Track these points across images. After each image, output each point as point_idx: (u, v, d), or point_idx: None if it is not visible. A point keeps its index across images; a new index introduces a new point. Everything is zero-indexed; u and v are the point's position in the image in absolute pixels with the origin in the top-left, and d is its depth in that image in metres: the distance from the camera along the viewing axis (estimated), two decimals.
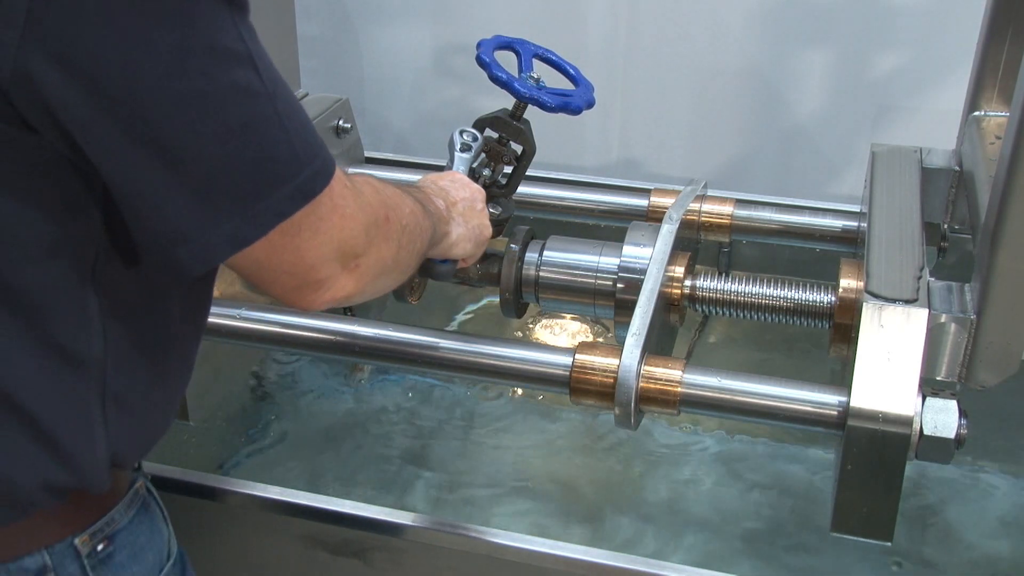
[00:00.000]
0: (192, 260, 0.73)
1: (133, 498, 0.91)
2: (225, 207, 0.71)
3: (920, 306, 1.09)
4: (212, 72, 0.68)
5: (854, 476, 1.06)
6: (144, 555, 0.91)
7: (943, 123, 1.65)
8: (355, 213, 0.80)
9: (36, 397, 0.77)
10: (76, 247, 0.76)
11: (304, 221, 0.75)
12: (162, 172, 0.69)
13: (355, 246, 0.80)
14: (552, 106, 1.26)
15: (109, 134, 0.68)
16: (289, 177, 0.73)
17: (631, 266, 1.30)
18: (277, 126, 0.72)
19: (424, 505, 1.72)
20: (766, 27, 2.09)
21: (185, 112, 0.68)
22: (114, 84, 0.66)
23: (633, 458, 1.80)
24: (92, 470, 0.82)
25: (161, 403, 0.89)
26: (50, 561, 0.82)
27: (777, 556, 1.62)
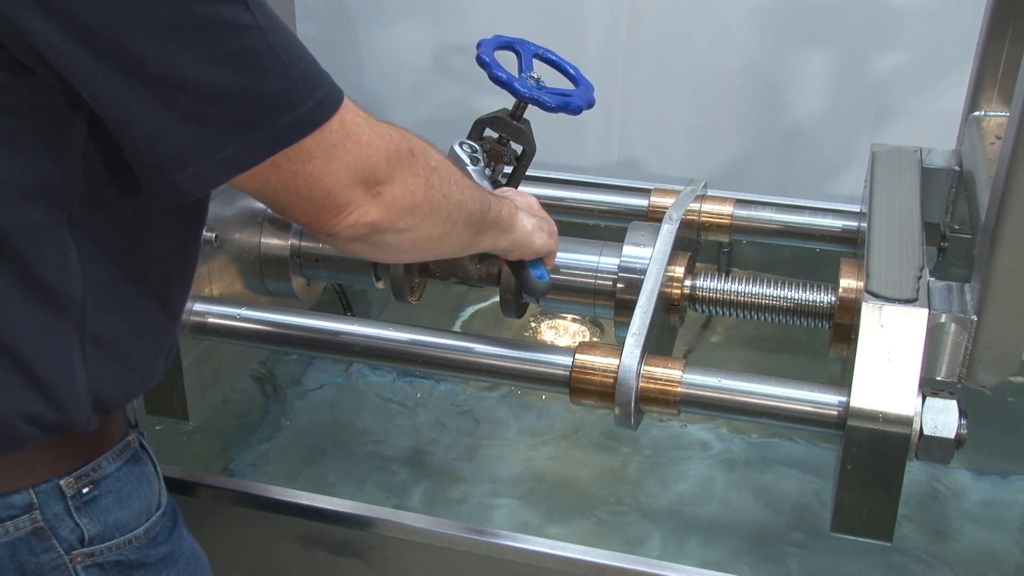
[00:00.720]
0: (190, 184, 0.75)
1: (123, 449, 0.94)
2: (221, 134, 0.74)
3: (920, 306, 1.09)
4: (189, 5, 0.70)
5: (854, 476, 1.06)
6: (131, 502, 0.94)
7: (943, 123, 1.65)
8: (372, 139, 0.81)
9: (17, 333, 0.80)
10: (53, 191, 0.78)
11: (315, 148, 0.77)
12: (151, 102, 0.72)
13: (375, 171, 0.82)
14: (552, 106, 1.26)
15: (93, 68, 0.71)
16: (288, 107, 0.75)
17: (631, 266, 1.30)
18: (271, 58, 0.74)
19: (424, 503, 1.72)
20: (766, 27, 2.09)
21: (164, 43, 0.70)
22: (91, 17, 0.69)
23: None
24: (74, 407, 0.84)
25: (144, 349, 0.91)
26: (36, 499, 0.86)
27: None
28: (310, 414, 1.93)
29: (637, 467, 1.79)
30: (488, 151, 1.30)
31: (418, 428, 1.89)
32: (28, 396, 0.81)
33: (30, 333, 0.80)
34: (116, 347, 0.87)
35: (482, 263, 1.33)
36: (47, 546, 0.87)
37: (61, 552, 0.88)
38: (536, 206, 1.17)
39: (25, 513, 0.86)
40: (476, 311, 2.13)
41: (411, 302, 1.33)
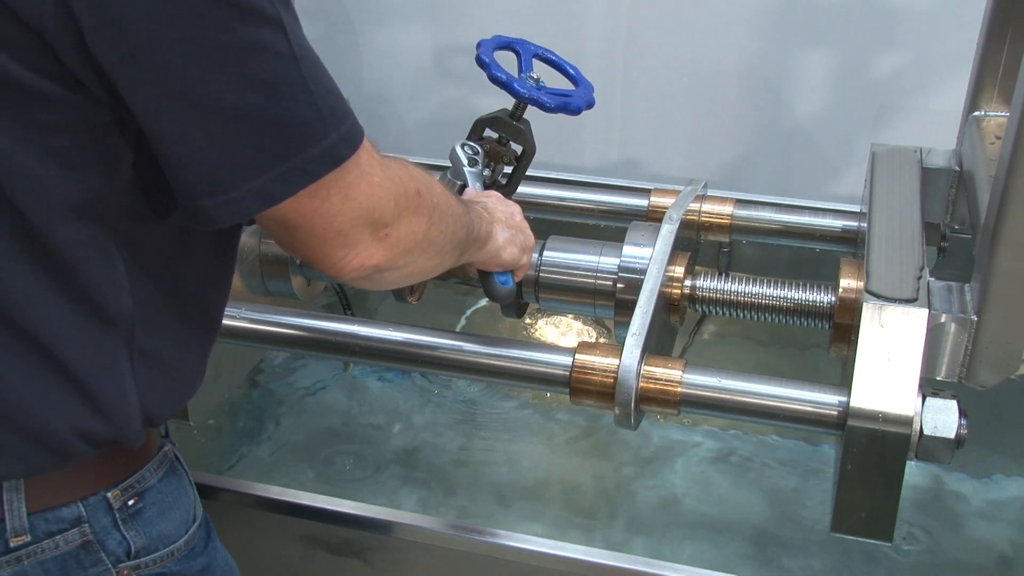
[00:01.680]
0: (219, 211, 0.75)
1: (162, 460, 0.95)
2: (253, 163, 0.74)
3: (920, 306, 1.09)
4: (234, 26, 0.71)
5: (854, 476, 1.06)
6: (172, 513, 0.95)
7: (943, 123, 1.65)
8: (383, 182, 0.82)
9: (71, 349, 0.80)
10: (101, 207, 0.78)
11: (333, 186, 0.78)
12: (188, 121, 0.72)
13: (384, 214, 0.82)
14: (551, 106, 1.26)
15: (137, 81, 0.71)
16: (316, 139, 0.76)
17: (631, 266, 1.30)
18: (303, 88, 0.75)
19: (424, 504, 1.72)
20: (766, 27, 2.09)
21: (204, 62, 0.70)
22: (140, 28, 0.69)
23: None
24: (126, 422, 0.85)
25: (188, 362, 0.92)
26: (84, 512, 0.87)
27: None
28: (310, 414, 1.93)
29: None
30: (488, 151, 1.30)
31: (418, 428, 1.89)
32: (81, 412, 0.82)
33: (82, 348, 0.81)
34: (163, 360, 0.87)
35: None
36: (95, 559, 0.88)
37: (109, 565, 0.89)
38: (518, 216, 1.18)
39: (75, 527, 0.86)
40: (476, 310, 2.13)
41: (411, 302, 1.33)
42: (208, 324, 0.94)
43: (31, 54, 0.70)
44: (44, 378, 0.80)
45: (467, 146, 1.27)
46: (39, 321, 0.78)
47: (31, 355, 0.79)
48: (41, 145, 0.74)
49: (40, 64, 0.71)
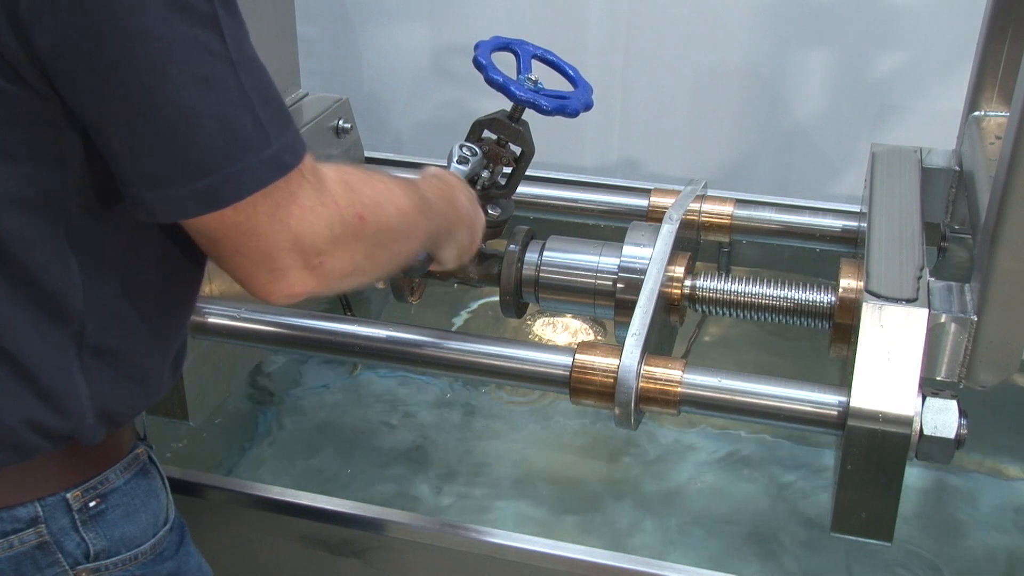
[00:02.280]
0: (163, 209, 0.74)
1: (131, 462, 0.93)
2: (197, 162, 0.72)
3: (920, 306, 1.09)
4: (171, 19, 0.70)
5: (854, 476, 1.06)
6: (138, 516, 0.93)
7: (943, 123, 1.64)
8: (315, 207, 0.78)
9: (19, 341, 0.79)
10: (51, 202, 0.77)
11: (260, 204, 0.75)
12: (128, 111, 0.71)
13: (315, 242, 0.78)
14: (549, 109, 1.26)
15: (74, 68, 0.70)
16: (260, 145, 0.73)
17: (631, 266, 1.30)
18: (238, 91, 0.73)
19: (424, 503, 1.72)
20: (766, 27, 2.09)
21: (142, 52, 0.69)
22: (80, 18, 0.68)
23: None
24: (78, 416, 0.84)
25: (146, 362, 0.90)
26: (42, 513, 0.85)
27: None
28: (310, 414, 1.93)
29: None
30: (487, 153, 1.30)
31: (418, 428, 1.88)
32: (32, 403, 0.81)
33: (32, 341, 0.80)
34: (117, 357, 0.86)
35: (482, 263, 1.33)
36: (52, 560, 0.86)
37: (66, 567, 0.87)
38: (480, 224, 1.16)
39: (30, 527, 0.85)
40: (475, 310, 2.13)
41: (411, 302, 1.33)
42: (169, 325, 0.92)
43: None
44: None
45: (465, 147, 1.27)
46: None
47: None
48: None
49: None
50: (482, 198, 1.31)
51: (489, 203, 1.31)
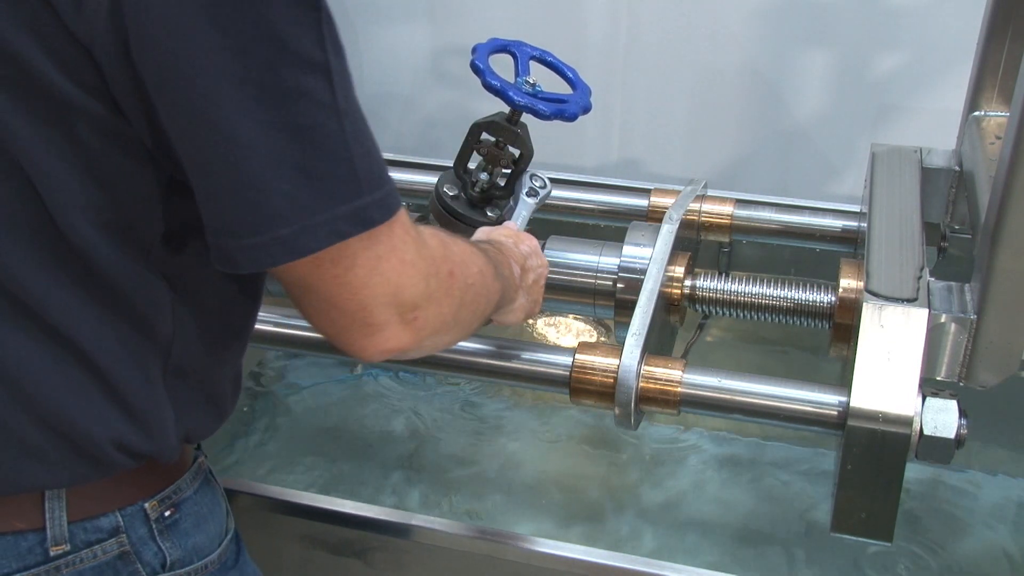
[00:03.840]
0: (241, 255, 0.73)
1: (197, 472, 0.94)
2: (279, 210, 0.71)
3: (920, 306, 1.09)
4: (277, 67, 0.68)
5: (854, 476, 1.06)
6: (206, 525, 0.94)
7: (943, 123, 1.64)
8: (415, 260, 0.78)
9: (112, 362, 0.80)
10: (136, 230, 0.78)
11: (361, 255, 0.74)
12: (220, 156, 0.70)
13: (414, 295, 0.78)
14: (547, 114, 1.26)
15: (175, 106, 0.69)
16: (348, 198, 0.72)
17: (631, 266, 1.30)
18: (340, 142, 0.71)
19: (424, 504, 1.72)
20: (766, 27, 2.09)
21: (243, 99, 0.68)
22: (180, 54, 0.67)
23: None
24: (163, 437, 0.85)
25: (220, 381, 0.91)
26: (122, 522, 0.86)
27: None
28: (309, 414, 1.93)
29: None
30: (485, 155, 1.30)
31: (417, 428, 1.89)
32: (120, 423, 0.82)
33: (123, 362, 0.80)
34: (197, 380, 0.87)
35: None
36: (132, 570, 0.87)
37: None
38: (543, 281, 1.17)
39: (112, 536, 0.86)
40: None
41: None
42: (239, 346, 0.93)
43: (81, 71, 0.70)
44: (86, 389, 0.80)
45: (536, 177, 1.28)
46: (83, 334, 0.78)
47: (75, 366, 0.79)
48: (83, 163, 0.73)
49: (88, 81, 0.71)
50: (481, 200, 1.31)
51: (488, 205, 1.31)
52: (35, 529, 0.82)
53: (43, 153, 0.72)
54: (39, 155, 0.72)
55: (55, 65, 0.70)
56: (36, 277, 0.76)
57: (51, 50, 0.69)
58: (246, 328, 0.94)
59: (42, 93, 0.71)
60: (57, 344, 0.78)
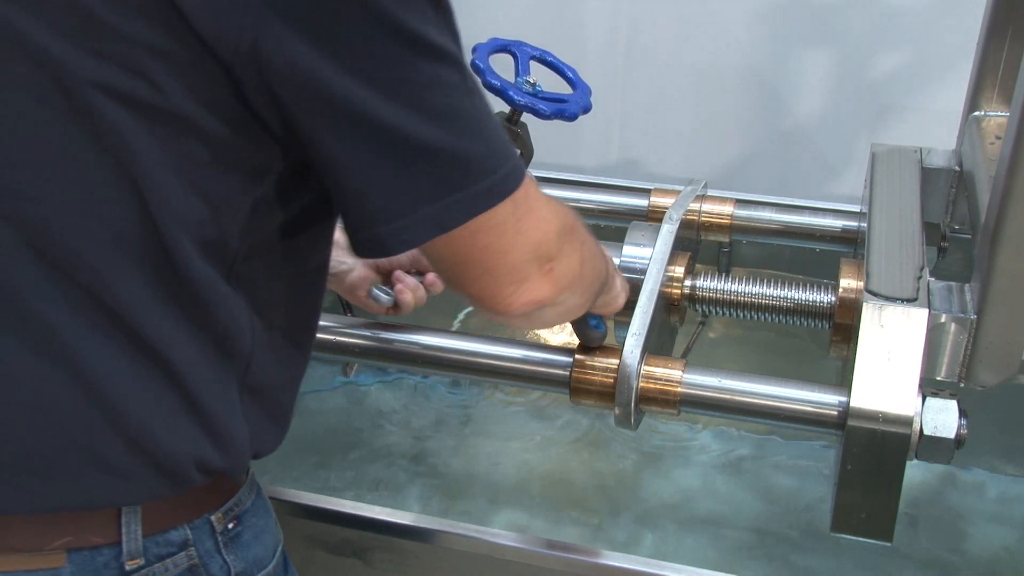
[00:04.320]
0: (392, 238, 0.76)
1: (251, 484, 0.95)
2: (427, 190, 0.74)
3: (920, 306, 1.09)
4: (416, 62, 0.72)
5: (854, 476, 1.06)
6: (264, 536, 0.95)
7: (943, 123, 1.64)
8: (549, 216, 0.83)
9: (198, 381, 0.80)
10: (224, 246, 0.79)
11: (506, 219, 0.78)
12: (370, 153, 0.73)
13: (549, 248, 0.83)
14: (547, 114, 1.26)
15: (318, 114, 0.72)
16: (486, 172, 0.76)
17: (631, 266, 1.30)
18: (476, 122, 0.76)
19: (424, 504, 1.72)
20: (766, 27, 2.09)
21: (389, 97, 0.72)
22: (321, 69, 0.70)
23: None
24: (239, 455, 0.85)
25: (285, 397, 0.92)
26: (191, 536, 0.87)
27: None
28: (308, 414, 1.93)
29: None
30: None
31: (418, 428, 1.89)
32: (202, 441, 0.82)
33: (207, 380, 0.81)
34: (267, 398, 0.88)
35: None
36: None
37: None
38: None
39: (182, 550, 0.86)
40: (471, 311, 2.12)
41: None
42: (303, 362, 0.95)
43: (208, 87, 0.71)
44: (172, 407, 0.80)
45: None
46: (173, 351, 0.78)
47: (163, 384, 0.79)
48: (193, 181, 0.74)
49: (211, 98, 0.72)
50: None
51: None
52: (111, 544, 0.82)
53: (157, 167, 0.73)
54: (153, 169, 0.73)
55: (183, 85, 0.71)
56: (137, 293, 0.76)
57: (181, 69, 0.70)
58: (309, 345, 0.95)
59: (164, 111, 0.71)
60: (149, 361, 0.78)
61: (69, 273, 0.74)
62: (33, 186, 0.72)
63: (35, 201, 0.73)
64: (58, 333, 0.75)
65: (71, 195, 0.73)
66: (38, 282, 0.74)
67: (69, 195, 0.73)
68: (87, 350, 0.76)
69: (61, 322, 0.75)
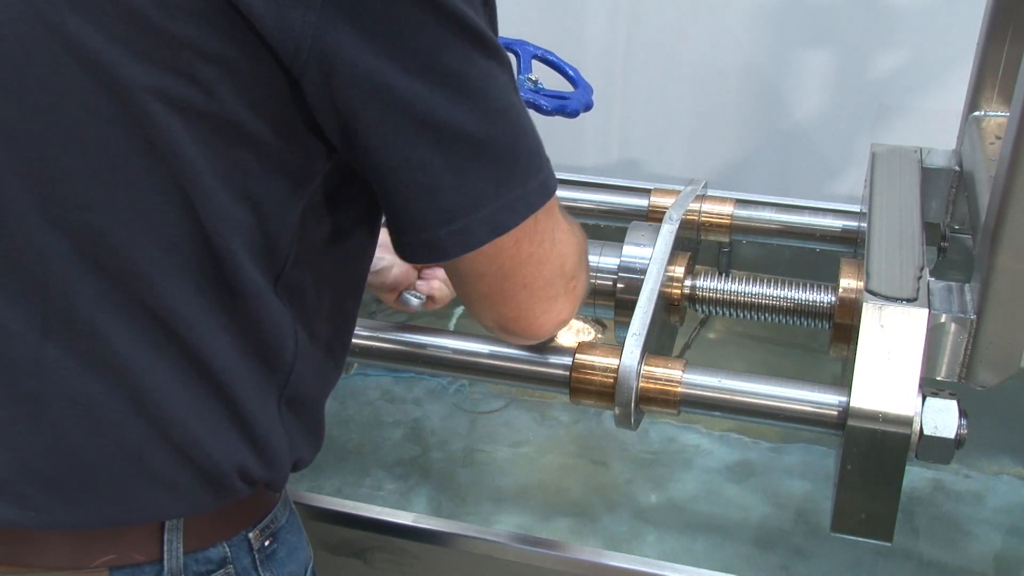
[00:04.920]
0: (451, 239, 0.75)
1: (285, 501, 0.94)
2: (486, 190, 0.74)
3: (920, 306, 1.09)
4: (473, 56, 0.71)
5: (854, 476, 1.06)
6: (297, 554, 0.94)
7: (943, 123, 1.64)
8: (571, 229, 0.82)
9: (241, 389, 0.79)
10: (274, 252, 0.78)
11: (546, 226, 0.78)
12: (428, 149, 0.72)
13: (573, 264, 0.82)
14: (548, 110, 1.26)
15: (374, 113, 0.71)
16: (535, 171, 0.76)
17: (631, 266, 1.30)
18: (526, 119, 0.76)
19: (424, 503, 1.72)
20: (766, 27, 2.09)
21: (447, 90, 0.71)
22: (378, 61, 0.69)
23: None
24: (279, 465, 0.85)
25: (319, 409, 0.91)
26: (229, 553, 0.86)
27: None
28: None
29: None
30: None
31: (415, 428, 1.88)
32: (244, 450, 0.81)
33: (250, 389, 0.80)
34: (305, 409, 0.87)
35: None
36: None
37: None
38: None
39: (221, 568, 0.85)
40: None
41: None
42: (337, 375, 0.94)
43: (261, 92, 0.71)
44: (217, 416, 0.79)
45: None
46: (219, 360, 0.78)
47: (208, 392, 0.78)
48: (242, 188, 0.74)
49: (264, 103, 0.71)
50: None
51: None
52: (152, 561, 0.81)
53: (206, 174, 0.72)
54: (202, 175, 0.72)
55: (236, 90, 0.70)
56: (186, 301, 0.75)
57: (236, 74, 0.70)
58: (344, 358, 0.94)
59: (215, 117, 0.71)
60: (195, 370, 0.77)
61: (120, 281, 0.74)
62: (85, 194, 0.72)
63: (87, 210, 0.72)
64: (107, 342, 0.75)
65: (122, 203, 0.72)
66: (88, 290, 0.74)
67: (120, 203, 0.72)
68: (134, 359, 0.76)
69: (110, 331, 0.75)
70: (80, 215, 0.72)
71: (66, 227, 0.73)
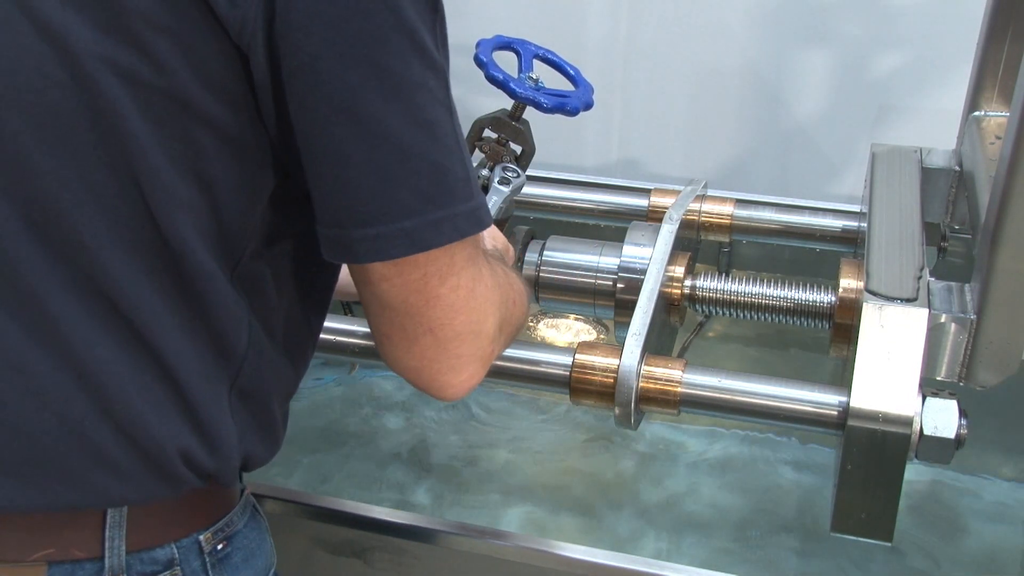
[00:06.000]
0: (364, 246, 0.73)
1: (245, 504, 0.92)
2: (410, 203, 0.72)
3: (920, 306, 1.09)
4: (410, 59, 0.70)
5: (854, 476, 1.06)
6: (254, 560, 0.92)
7: (943, 123, 1.64)
8: (494, 286, 0.80)
9: (187, 372, 0.78)
10: (229, 240, 0.77)
11: (465, 273, 0.75)
12: (353, 142, 0.70)
13: (490, 327, 0.79)
14: (548, 107, 1.26)
15: (310, 92, 0.70)
16: (464, 197, 0.74)
17: (631, 266, 1.30)
18: (456, 141, 0.74)
19: (424, 503, 1.72)
20: (766, 27, 2.09)
21: (379, 86, 0.70)
22: (321, 37, 0.68)
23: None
24: (226, 457, 0.83)
25: (275, 407, 0.89)
26: (177, 555, 0.84)
27: None
28: (307, 413, 1.93)
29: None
30: (487, 152, 1.30)
31: (416, 428, 1.88)
32: (187, 434, 0.80)
33: (197, 374, 0.79)
34: (257, 404, 0.86)
35: None
36: None
37: None
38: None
39: (167, 569, 0.84)
40: None
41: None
42: (296, 375, 0.92)
43: (214, 68, 0.70)
44: (160, 398, 0.78)
45: (509, 169, 1.28)
46: (165, 341, 0.77)
47: (153, 374, 0.77)
48: (193, 169, 0.73)
49: (216, 81, 0.70)
50: None
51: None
52: (93, 559, 0.80)
53: (154, 151, 0.71)
54: (149, 152, 0.71)
55: (189, 65, 0.69)
56: (132, 278, 0.74)
57: (187, 48, 0.69)
58: (305, 358, 0.93)
59: (165, 92, 0.70)
60: (141, 349, 0.76)
61: (65, 252, 0.73)
62: (33, 159, 0.71)
63: (34, 175, 0.71)
64: (51, 312, 0.74)
65: (70, 172, 0.71)
66: (34, 258, 0.73)
67: (68, 172, 0.71)
68: (79, 331, 0.74)
69: (54, 301, 0.73)
70: (27, 180, 0.71)
71: (11, 191, 0.72)
